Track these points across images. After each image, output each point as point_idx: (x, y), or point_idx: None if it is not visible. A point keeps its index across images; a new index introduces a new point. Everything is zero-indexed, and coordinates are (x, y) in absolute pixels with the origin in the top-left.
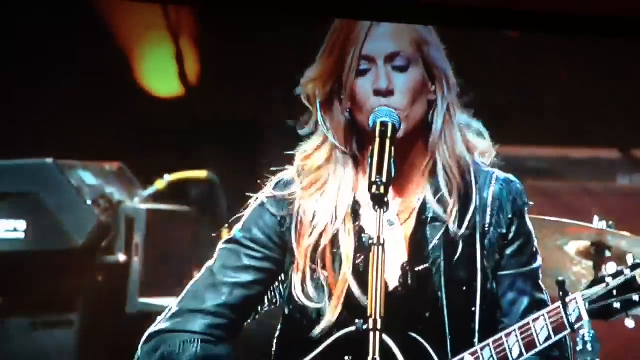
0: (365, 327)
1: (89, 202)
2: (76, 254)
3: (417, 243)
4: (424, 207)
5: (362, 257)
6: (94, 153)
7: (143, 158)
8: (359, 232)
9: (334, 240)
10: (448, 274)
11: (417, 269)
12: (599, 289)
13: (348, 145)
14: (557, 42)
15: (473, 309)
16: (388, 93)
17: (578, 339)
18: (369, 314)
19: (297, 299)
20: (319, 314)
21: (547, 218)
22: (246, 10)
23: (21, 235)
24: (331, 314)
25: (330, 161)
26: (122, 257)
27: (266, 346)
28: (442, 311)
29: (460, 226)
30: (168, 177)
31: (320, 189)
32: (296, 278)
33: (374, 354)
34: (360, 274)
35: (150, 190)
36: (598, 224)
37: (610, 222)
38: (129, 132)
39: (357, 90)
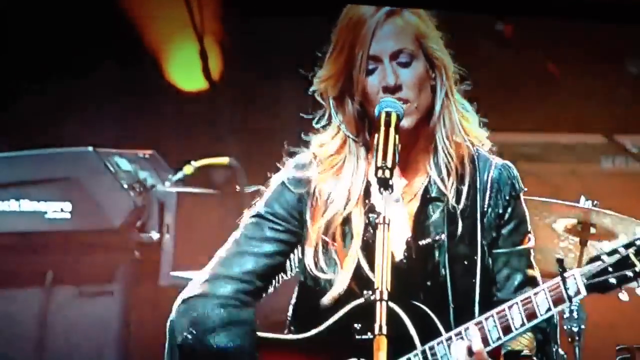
0: (373, 297)
1: (125, 186)
2: (115, 232)
3: (421, 220)
4: (428, 186)
5: (370, 234)
6: (129, 142)
7: (172, 146)
8: (369, 210)
9: (346, 219)
10: (451, 249)
11: (420, 242)
12: (596, 266)
13: (360, 134)
14: (547, 36)
15: (473, 280)
16: (396, 89)
17: (565, 308)
18: (376, 286)
19: (309, 270)
20: (331, 284)
21: (537, 198)
22: (267, 6)
23: (67, 215)
24: (340, 285)
25: (344, 149)
26: (155, 235)
27: (281, 314)
28: (445, 283)
29: (458, 202)
30: (195, 163)
31: (335, 173)
32: (309, 252)
33: (380, 321)
34: (368, 250)
35: (179, 175)
36: (584, 203)
37: (595, 202)
38: (159, 123)
39: (368, 88)
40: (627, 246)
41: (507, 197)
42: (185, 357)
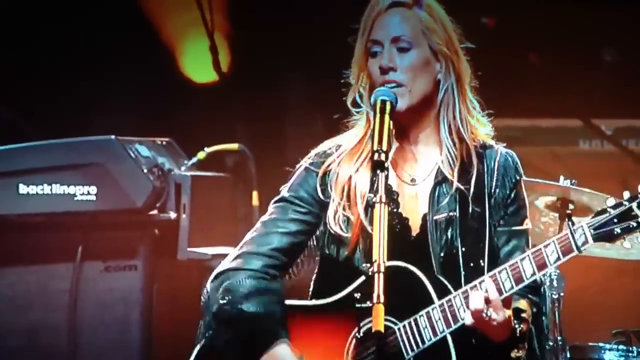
0: (371, 270)
1: (145, 170)
2: (137, 212)
3: (435, 198)
4: (440, 168)
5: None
6: (148, 130)
7: (186, 134)
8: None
9: (357, 186)
10: (462, 225)
11: (435, 218)
12: (602, 218)
13: None
14: (527, 26)
15: (482, 253)
16: (389, 69)
17: (546, 277)
18: (374, 259)
19: (329, 227)
20: (347, 258)
21: None
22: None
23: (93, 198)
24: (351, 243)
25: (364, 141)
26: (173, 215)
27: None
28: (457, 255)
29: (467, 184)
30: (207, 149)
31: (355, 159)
32: (331, 211)
33: (378, 290)
34: (371, 211)
35: (194, 160)
36: (563, 182)
37: (574, 181)
38: (174, 113)
39: (370, 70)
40: (630, 199)
41: (514, 180)
42: (220, 325)
